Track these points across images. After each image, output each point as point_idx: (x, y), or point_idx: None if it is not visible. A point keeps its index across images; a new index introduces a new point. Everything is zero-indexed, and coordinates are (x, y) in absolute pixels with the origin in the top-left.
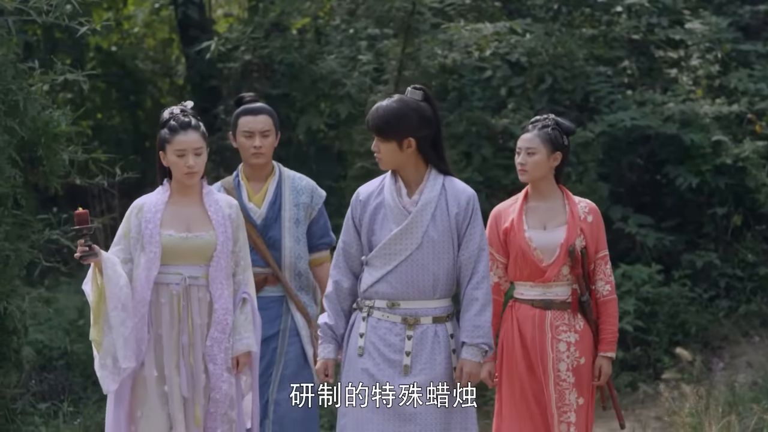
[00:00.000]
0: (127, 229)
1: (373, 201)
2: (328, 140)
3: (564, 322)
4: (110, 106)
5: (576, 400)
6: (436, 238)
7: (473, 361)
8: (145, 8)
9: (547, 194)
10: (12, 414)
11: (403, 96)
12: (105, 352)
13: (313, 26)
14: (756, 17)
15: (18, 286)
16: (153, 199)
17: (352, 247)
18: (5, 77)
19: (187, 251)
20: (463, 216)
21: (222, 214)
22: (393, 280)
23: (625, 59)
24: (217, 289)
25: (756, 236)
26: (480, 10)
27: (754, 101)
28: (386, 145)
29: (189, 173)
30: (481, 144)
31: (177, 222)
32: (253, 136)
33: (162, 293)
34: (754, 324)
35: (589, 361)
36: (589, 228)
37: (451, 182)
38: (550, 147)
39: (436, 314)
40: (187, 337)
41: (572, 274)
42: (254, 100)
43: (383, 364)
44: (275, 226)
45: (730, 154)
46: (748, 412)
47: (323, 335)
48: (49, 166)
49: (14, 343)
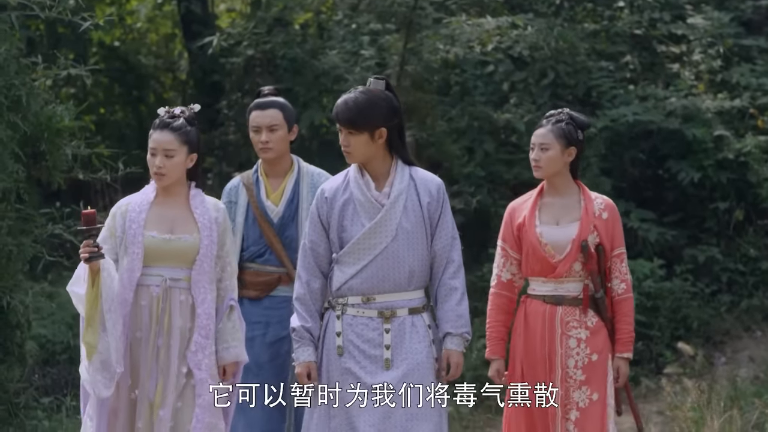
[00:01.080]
0: (113, 229)
1: (341, 197)
2: (330, 135)
3: (575, 318)
4: (113, 101)
5: (588, 397)
6: (409, 229)
7: (458, 350)
8: (147, 3)
9: (563, 190)
10: (15, 408)
11: (368, 87)
12: (98, 355)
13: (316, 21)
14: (758, 12)
15: (21, 281)
16: (138, 199)
17: (319, 246)
18: (8, 72)
19: (169, 253)
20: (435, 205)
21: (208, 217)
22: (368, 275)
23: (628, 54)
24: (199, 293)
25: (758, 231)
26: (482, 5)
27: (756, 96)
28: (357, 137)
29: (157, 173)
30: (484, 139)
31: (160, 223)
32: (260, 131)
33: (142, 295)
34: (756, 318)
35: (603, 358)
36: (604, 225)
37: (417, 172)
38: (564, 142)
39: (412, 305)
40: (162, 339)
41: (585, 270)
42: (271, 93)
43: (365, 361)
44: (292, 225)
45: (732, 149)
46: (750, 407)
47: (300, 338)
48: (52, 161)
49: (17, 338)
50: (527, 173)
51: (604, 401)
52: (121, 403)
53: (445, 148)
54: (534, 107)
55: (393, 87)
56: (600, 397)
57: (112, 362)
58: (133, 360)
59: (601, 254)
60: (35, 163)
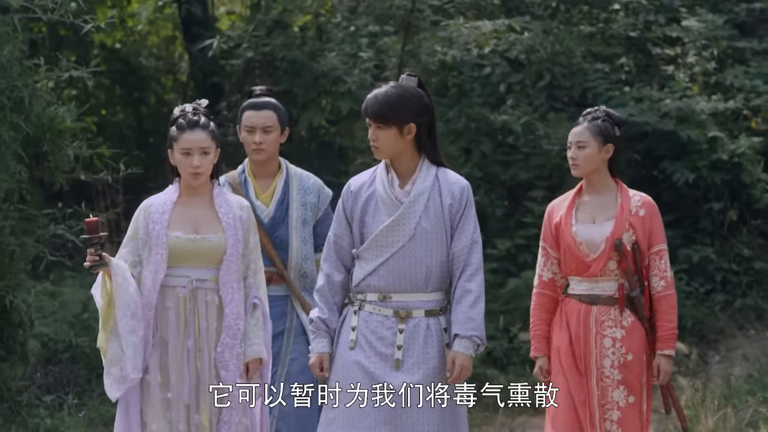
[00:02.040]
0: (135, 231)
1: (365, 192)
2: (329, 136)
3: (610, 318)
4: (114, 102)
5: (626, 398)
6: (429, 229)
7: (466, 354)
8: (148, 6)
9: (601, 188)
10: (18, 406)
11: (399, 82)
12: (110, 360)
13: (315, 24)
14: (751, 15)
15: (24, 280)
16: (161, 200)
17: (343, 239)
18: (11, 74)
19: (195, 253)
20: (457, 207)
21: (233, 215)
22: (385, 273)
23: (623, 56)
24: (227, 293)
25: (752, 231)
26: (479, 8)
27: (749, 98)
28: (386, 131)
29: (194, 173)
30: (481, 140)
31: (185, 223)
32: (254, 132)
33: (168, 296)
34: (749, 318)
35: (639, 358)
36: (641, 222)
37: (444, 173)
38: (601, 139)
39: (428, 307)
40: (192, 342)
41: (620, 269)
42: (264, 93)
43: (374, 357)
44: (282, 226)
45: (726, 150)
46: (744, 405)
47: (316, 329)
48: (54, 162)
49: (20, 336)
50: (524, 174)
51: (640, 404)
52: (153, 401)
53: (442, 149)
54: (530, 109)
55: (424, 85)
56: (636, 400)
57: (125, 366)
58: (162, 362)
59: (637, 252)
60: (37, 163)
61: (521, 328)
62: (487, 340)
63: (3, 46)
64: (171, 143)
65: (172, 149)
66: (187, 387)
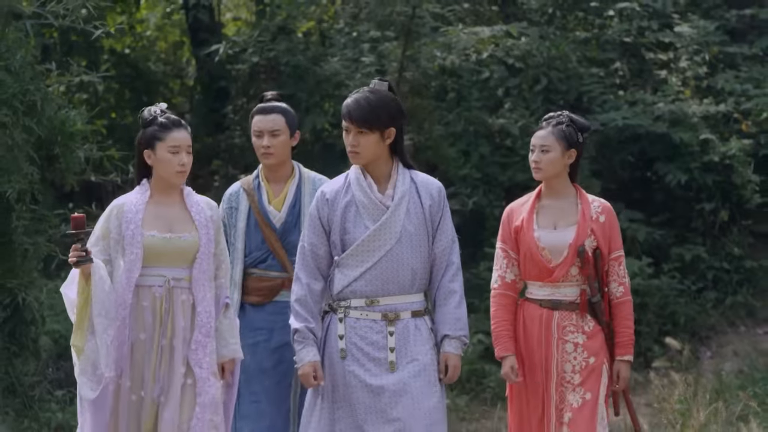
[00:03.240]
0: (106, 230)
1: (342, 199)
2: (332, 138)
3: (572, 323)
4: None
5: (582, 397)
6: (412, 231)
7: (456, 354)
8: (157, 12)
9: (561, 193)
10: (30, 400)
11: (373, 87)
12: (86, 358)
13: (318, 30)
14: (742, 21)
15: (36, 279)
16: (133, 199)
17: (320, 248)
18: (24, 78)
19: (171, 252)
20: (437, 208)
21: (204, 215)
22: (372, 277)
23: (617, 61)
24: (199, 292)
25: (742, 231)
26: (478, 14)
27: (740, 101)
28: (368, 137)
29: (181, 171)
30: (479, 142)
31: (159, 222)
32: (262, 136)
33: (143, 296)
34: (740, 315)
35: (599, 361)
36: (601, 228)
37: (417, 175)
38: (565, 144)
39: (414, 308)
40: (166, 340)
41: (581, 274)
42: (274, 98)
43: (369, 364)
44: (294, 230)
45: (718, 152)
46: (735, 399)
47: (303, 339)
48: (66, 164)
49: (32, 333)
50: (521, 175)
51: (595, 401)
52: (122, 405)
53: (442, 152)
54: (527, 112)
55: (394, 89)
56: (592, 397)
57: (100, 365)
58: (135, 361)
59: (598, 258)
60: (49, 165)
61: None
62: (486, 336)
63: (16, 51)
64: (152, 142)
65: (153, 148)
66: (158, 385)
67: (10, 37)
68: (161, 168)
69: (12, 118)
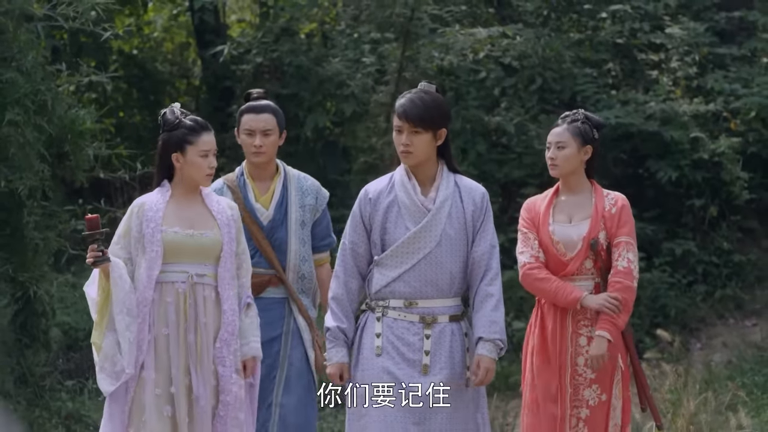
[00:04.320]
0: (128, 228)
1: (385, 199)
2: (333, 137)
3: (586, 317)
4: (131, 105)
5: (597, 397)
6: (453, 235)
7: (490, 357)
8: (164, 14)
9: (577, 189)
10: (41, 390)
11: (424, 88)
12: (104, 354)
13: (320, 31)
14: (731, 23)
15: (46, 272)
16: (153, 198)
17: (360, 246)
18: (35, 79)
19: (193, 249)
20: (479, 214)
21: (226, 215)
22: (411, 279)
23: (610, 61)
24: (225, 290)
25: (731, 226)
26: (475, 16)
27: (729, 101)
28: (422, 136)
29: (210, 174)
30: (476, 140)
31: (180, 220)
32: (254, 135)
33: (167, 292)
34: (729, 307)
35: (613, 357)
36: (611, 219)
37: (462, 180)
38: (581, 140)
39: (452, 312)
40: (194, 336)
41: (595, 268)
42: (261, 96)
43: (402, 363)
44: (282, 228)
45: (707, 150)
46: (724, 389)
47: (334, 339)
48: (75, 161)
49: (43, 325)
50: (517, 172)
51: (608, 404)
52: (147, 397)
53: None
54: (523, 111)
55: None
56: (607, 399)
57: (119, 361)
58: (159, 356)
59: (610, 251)
60: (59, 162)
61: (515, 317)
62: None
63: (27, 52)
64: (183, 145)
65: (183, 151)
66: (195, 380)
67: (21, 39)
68: (191, 171)
69: (23, 117)
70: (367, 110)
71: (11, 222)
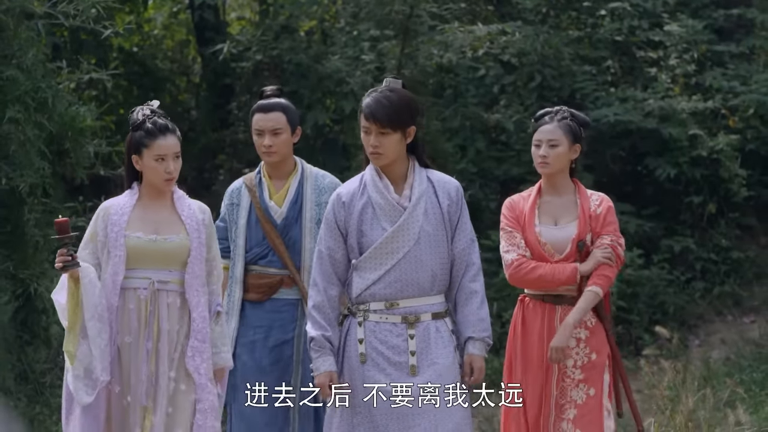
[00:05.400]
0: (94, 232)
1: (358, 201)
2: (333, 134)
3: None
4: (132, 102)
5: (585, 393)
6: (431, 232)
7: (480, 355)
8: (164, 12)
9: (561, 189)
10: (41, 387)
11: (388, 86)
12: (79, 363)
13: (320, 28)
14: (729, 20)
15: (47, 269)
16: (120, 202)
17: (337, 252)
18: (36, 76)
19: (156, 254)
20: (455, 207)
21: (195, 219)
22: (391, 280)
23: (609, 59)
24: (193, 297)
25: (729, 223)
26: (474, 13)
27: (727, 98)
28: (390, 137)
29: (168, 179)
30: (475, 137)
31: (145, 224)
32: (263, 135)
33: (129, 298)
34: (727, 304)
35: (602, 357)
36: (596, 219)
37: (434, 174)
38: (572, 138)
39: (434, 310)
40: (151, 343)
41: None
42: (273, 94)
43: (390, 369)
44: (296, 226)
45: (706, 147)
46: (722, 386)
47: (320, 348)
48: (76, 158)
49: (43, 322)
50: (516, 169)
51: (600, 396)
52: (114, 410)
53: (439, 146)
54: (522, 108)
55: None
56: (597, 393)
57: (94, 369)
58: (123, 365)
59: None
60: (60, 160)
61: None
62: None
63: (28, 50)
64: (139, 149)
65: (140, 154)
66: (142, 389)
67: (22, 37)
68: (149, 174)
69: (24, 115)
70: None
71: (12, 219)
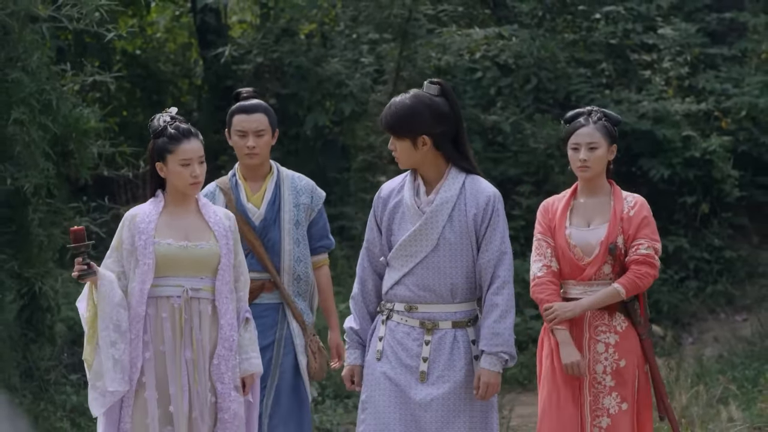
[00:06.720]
0: (120, 241)
1: (393, 199)
2: (333, 135)
3: (603, 323)
4: (135, 104)
5: (618, 405)
6: (453, 240)
7: (492, 371)
8: (166, 15)
9: (597, 190)
10: (46, 384)
11: (419, 91)
12: (95, 373)
13: (320, 32)
14: (722, 24)
15: (51, 269)
16: (146, 209)
17: (374, 246)
18: (40, 78)
19: (187, 261)
20: (482, 217)
21: (223, 225)
22: (410, 283)
23: (603, 62)
24: (223, 304)
25: (722, 223)
26: (471, 17)
27: (720, 100)
28: (401, 143)
29: (194, 183)
30: (473, 139)
31: (174, 231)
32: (247, 136)
33: (162, 307)
34: (720, 302)
35: (632, 364)
36: (629, 222)
37: (473, 181)
38: (609, 140)
39: (455, 318)
40: (191, 353)
41: (614, 272)
42: (251, 96)
43: (400, 368)
44: (274, 227)
45: (699, 148)
46: (715, 383)
47: (349, 340)
48: (80, 159)
49: (48, 320)
50: (513, 170)
51: (632, 411)
52: (151, 418)
53: None
54: (518, 110)
55: (449, 91)
56: (629, 407)
57: (104, 380)
58: (159, 374)
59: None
60: (64, 161)
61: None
62: None
63: (33, 52)
64: (163, 155)
65: (164, 161)
66: (186, 399)
67: (27, 39)
68: (174, 180)
69: (29, 116)
70: (366, 109)
71: (17, 219)
